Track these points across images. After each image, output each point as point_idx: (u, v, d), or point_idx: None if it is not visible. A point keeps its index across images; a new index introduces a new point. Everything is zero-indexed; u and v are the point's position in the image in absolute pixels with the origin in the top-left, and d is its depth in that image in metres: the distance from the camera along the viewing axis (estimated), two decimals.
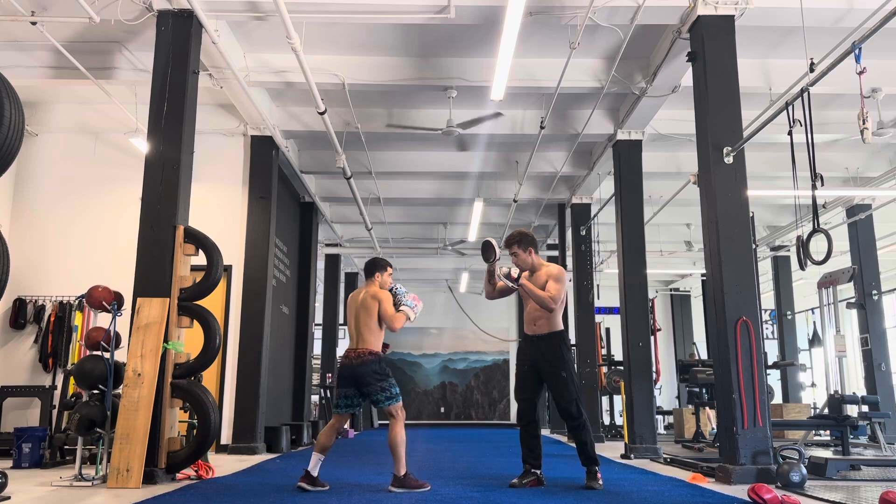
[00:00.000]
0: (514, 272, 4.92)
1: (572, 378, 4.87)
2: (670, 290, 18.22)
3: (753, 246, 6.04)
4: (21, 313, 7.87)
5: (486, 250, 4.95)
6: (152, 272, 5.32)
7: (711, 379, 7.78)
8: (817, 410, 8.63)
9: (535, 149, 8.51)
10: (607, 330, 14.06)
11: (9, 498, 4.20)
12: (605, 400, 12.92)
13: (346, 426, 13.82)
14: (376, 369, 4.66)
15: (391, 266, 5.06)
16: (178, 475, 5.19)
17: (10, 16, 6.04)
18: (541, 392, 5.07)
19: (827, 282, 7.52)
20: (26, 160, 8.31)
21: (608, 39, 6.75)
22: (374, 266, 4.97)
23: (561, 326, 5.00)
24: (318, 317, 13.67)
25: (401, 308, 4.81)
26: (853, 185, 9.83)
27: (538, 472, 4.91)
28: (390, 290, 4.89)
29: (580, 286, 10.58)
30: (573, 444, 4.93)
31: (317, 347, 13.12)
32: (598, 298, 10.76)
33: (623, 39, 6.31)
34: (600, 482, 4.80)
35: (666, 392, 17.07)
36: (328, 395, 12.65)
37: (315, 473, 4.63)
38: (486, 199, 10.92)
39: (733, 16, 5.67)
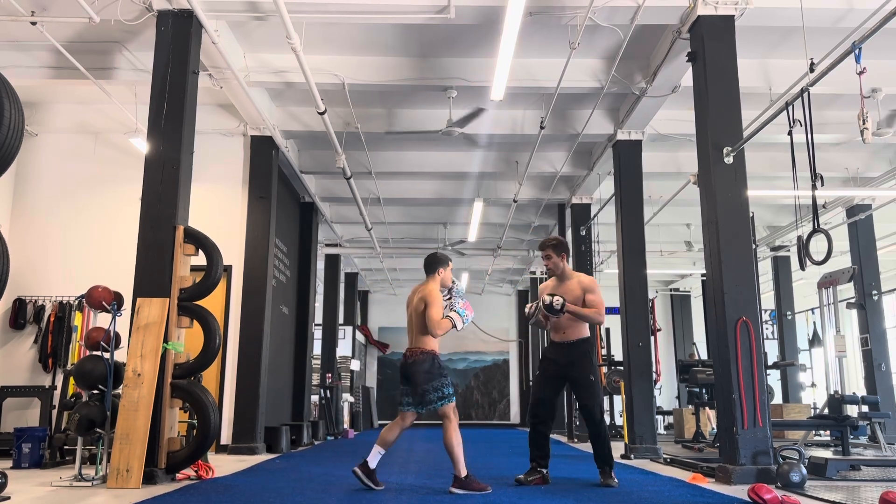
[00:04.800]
0: (557, 302, 4.87)
1: (599, 382, 5.04)
2: (670, 290, 18.21)
3: (753, 246, 6.04)
4: (21, 313, 7.86)
5: (552, 311, 4.92)
6: (152, 272, 5.32)
7: (711, 379, 7.78)
8: (817, 410, 8.62)
9: (535, 149, 8.51)
10: (607, 330, 14.02)
11: (8, 498, 4.20)
12: (605, 400, 12.92)
13: (346, 426, 13.94)
14: (428, 368, 4.54)
15: (451, 260, 4.86)
16: (178, 475, 5.19)
17: (10, 16, 6.04)
18: (560, 394, 5.22)
19: (827, 282, 7.52)
20: (26, 160, 8.31)
21: (608, 39, 6.75)
22: (435, 262, 4.77)
23: (588, 333, 5.14)
24: (318, 317, 13.66)
25: (449, 314, 4.63)
26: (853, 185, 9.83)
27: (544, 470, 5.01)
28: (449, 290, 4.71)
29: None
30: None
31: (316, 347, 13.10)
32: None
33: (623, 39, 6.31)
34: (616, 480, 4.95)
35: (666, 392, 17.07)
36: (328, 395, 12.64)
37: (373, 466, 4.60)
38: (486, 199, 10.92)
39: (733, 16, 5.67)
